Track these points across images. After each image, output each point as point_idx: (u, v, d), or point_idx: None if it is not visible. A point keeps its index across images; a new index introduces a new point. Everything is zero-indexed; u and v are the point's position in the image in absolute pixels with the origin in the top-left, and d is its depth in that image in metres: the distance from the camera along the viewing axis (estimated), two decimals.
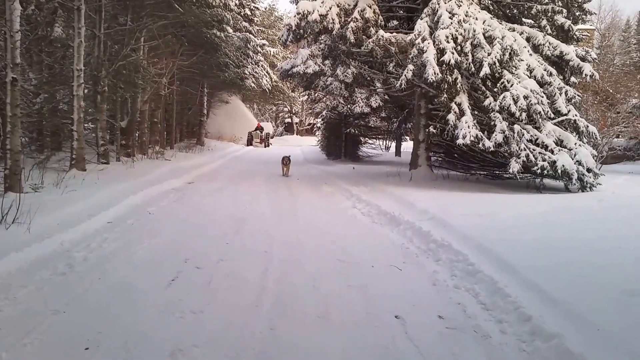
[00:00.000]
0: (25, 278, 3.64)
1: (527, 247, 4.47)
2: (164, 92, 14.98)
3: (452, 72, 8.45)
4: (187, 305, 3.27)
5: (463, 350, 2.78)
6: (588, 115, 12.33)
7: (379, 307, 3.38)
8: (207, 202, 7.69)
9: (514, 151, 8.23)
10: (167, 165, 11.68)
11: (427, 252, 4.75)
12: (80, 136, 8.93)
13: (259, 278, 3.88)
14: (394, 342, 2.86)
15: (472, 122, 8.37)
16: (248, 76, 23.31)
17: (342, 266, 4.28)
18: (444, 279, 3.97)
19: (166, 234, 5.32)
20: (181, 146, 18.66)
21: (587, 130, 8.97)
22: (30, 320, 2.94)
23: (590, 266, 3.93)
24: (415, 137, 11.22)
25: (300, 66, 14.60)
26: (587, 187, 8.43)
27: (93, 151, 10.50)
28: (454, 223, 5.43)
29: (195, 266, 4.12)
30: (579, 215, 6.22)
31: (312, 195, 8.72)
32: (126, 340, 2.75)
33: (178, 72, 16.01)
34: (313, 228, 5.90)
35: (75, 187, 6.95)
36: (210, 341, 2.78)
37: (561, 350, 2.64)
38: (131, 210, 6.48)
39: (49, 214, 5.26)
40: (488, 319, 3.21)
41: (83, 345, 2.63)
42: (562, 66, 9.60)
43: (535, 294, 3.37)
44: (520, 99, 8.13)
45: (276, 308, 3.31)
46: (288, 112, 41.40)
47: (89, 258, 4.23)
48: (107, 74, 10.42)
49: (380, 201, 7.39)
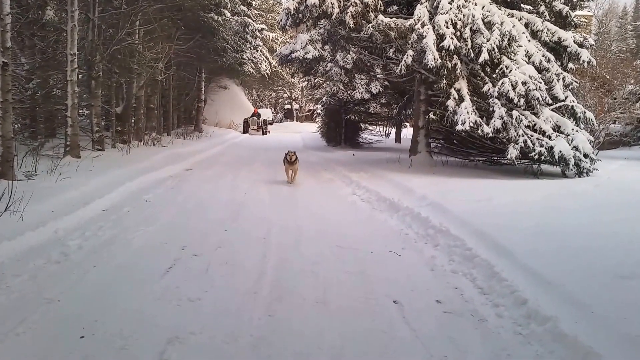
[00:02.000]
0: (19, 267, 3.60)
1: (524, 232, 4.48)
2: (160, 77, 14.77)
3: (452, 57, 8.42)
4: (185, 292, 3.26)
5: (460, 333, 2.80)
6: (585, 101, 12.30)
7: (377, 292, 3.39)
8: (205, 188, 7.65)
9: (512, 137, 8.25)
10: (164, 152, 11.59)
11: (426, 238, 4.76)
12: (74, 122, 8.82)
13: (257, 264, 3.87)
14: (392, 327, 2.87)
15: (471, 108, 8.37)
16: (247, 61, 22.93)
17: (340, 252, 4.28)
18: (442, 264, 3.98)
19: (163, 222, 5.29)
20: (178, 132, 18.51)
21: (584, 116, 8.99)
22: (24, 309, 2.91)
23: (586, 250, 3.95)
24: (415, 124, 11.16)
25: (299, 51, 14.38)
26: (584, 172, 8.49)
27: (88, 138, 10.39)
28: (452, 209, 5.44)
29: (193, 253, 4.10)
30: (575, 200, 6.25)
31: (311, 182, 8.69)
32: (122, 328, 2.73)
33: (175, 57, 15.76)
34: (312, 214, 5.89)
35: (70, 175, 6.87)
36: (207, 328, 2.77)
37: (556, 333, 2.67)
38: (127, 197, 6.44)
39: (42, 202, 5.20)
40: (485, 302, 3.23)
41: (78, 334, 2.61)
42: (560, 52, 9.57)
43: (531, 278, 3.39)
44: (519, 85, 8.12)
45: (274, 294, 3.31)
46: (287, 99, 41.00)
47: (84, 246, 4.19)
48: (101, 59, 10.24)
49: (380, 187, 7.38)
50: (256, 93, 38.00)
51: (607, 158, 10.64)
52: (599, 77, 14.40)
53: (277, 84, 34.08)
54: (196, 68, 20.24)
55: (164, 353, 2.48)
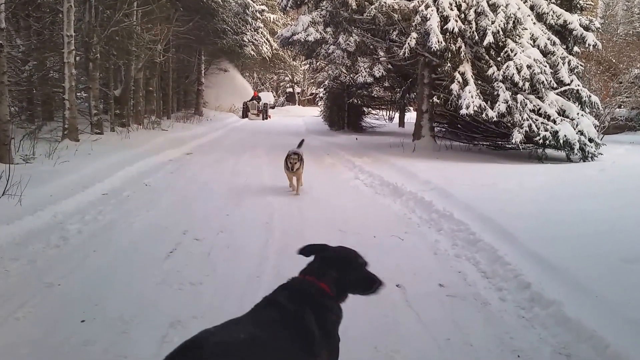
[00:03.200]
0: (18, 251, 3.58)
1: (528, 217, 4.45)
2: (159, 59, 14.56)
3: (456, 40, 8.31)
4: (186, 276, 3.24)
5: (463, 317, 2.78)
6: (591, 85, 12.12)
7: (380, 276, 3.35)
8: (206, 173, 7.60)
9: (516, 121, 8.18)
10: (164, 136, 11.50)
11: (429, 222, 4.73)
12: (72, 105, 8.72)
13: (259, 249, 3.84)
14: (395, 310, 2.86)
15: (476, 91, 8.29)
16: (247, 43, 22.52)
17: (344, 237, 4.25)
18: (445, 248, 3.95)
19: (164, 206, 5.25)
20: (178, 116, 18.36)
21: (589, 100, 8.89)
22: (24, 293, 2.89)
23: (590, 235, 3.93)
24: (419, 108, 11.05)
25: (301, 33, 14.11)
26: (589, 157, 8.44)
27: (86, 121, 10.29)
28: (456, 193, 5.40)
29: (194, 238, 4.07)
30: (579, 185, 6.23)
31: (314, 166, 8.62)
32: (123, 312, 2.71)
33: (173, 38, 15.52)
34: (315, 199, 5.84)
35: (68, 158, 6.81)
36: (209, 312, 2.75)
37: (559, 317, 2.67)
38: (127, 181, 6.39)
39: (41, 186, 5.16)
40: (488, 286, 3.21)
41: (79, 318, 2.59)
42: (565, 35, 9.43)
43: (535, 262, 3.37)
44: (524, 68, 8.02)
45: (277, 279, 3.25)
46: (289, 82, 40.50)
47: (84, 230, 4.16)
48: (99, 41, 10.06)
49: (383, 172, 7.33)
50: (257, 76, 37.49)
51: (612, 143, 10.54)
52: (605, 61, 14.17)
53: (279, 67, 33.51)
54: (195, 50, 19.94)
55: (166, 337, 2.46)
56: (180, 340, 2.41)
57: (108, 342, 2.39)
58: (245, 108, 24.78)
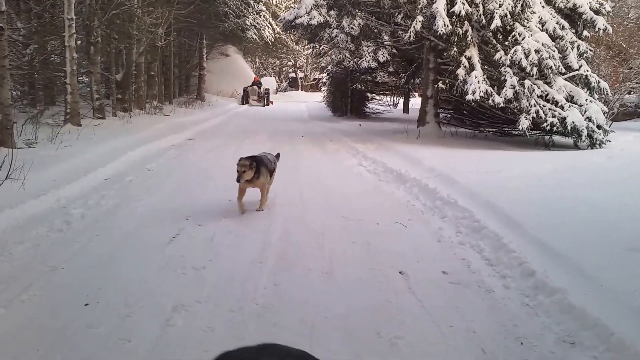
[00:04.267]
0: (21, 235, 3.59)
1: (534, 204, 4.40)
2: (160, 43, 14.39)
3: (463, 24, 8.14)
4: (189, 261, 3.24)
5: (466, 304, 2.77)
6: (600, 71, 11.90)
7: (382, 263, 3.36)
8: (208, 158, 7.57)
9: (523, 107, 8.04)
10: (166, 121, 11.45)
11: (433, 209, 4.70)
12: (74, 90, 8.65)
13: (262, 235, 3.83)
14: (397, 297, 2.85)
15: (482, 77, 8.15)
16: (249, 27, 22.10)
17: (346, 223, 4.23)
18: (449, 236, 3.93)
19: (166, 191, 5.24)
20: (180, 101, 18.21)
21: (598, 86, 8.73)
22: (28, 276, 2.91)
23: (597, 223, 3.88)
24: (424, 93, 10.89)
25: (304, 17, 13.87)
26: (597, 144, 8.32)
27: (88, 106, 10.23)
28: (461, 180, 5.35)
29: (197, 223, 4.07)
30: (587, 172, 6.15)
31: (317, 153, 8.58)
32: (127, 296, 2.72)
33: (175, 22, 15.28)
34: (318, 185, 5.81)
35: (71, 143, 6.79)
36: (212, 296, 2.76)
37: (564, 305, 2.65)
38: (129, 166, 6.38)
39: (44, 170, 5.15)
40: (492, 274, 3.20)
41: (82, 301, 2.60)
42: (574, 19, 9.20)
43: (540, 250, 3.34)
44: (532, 53, 7.87)
45: (280, 264, 3.28)
46: (292, 67, 39.99)
47: (87, 215, 4.16)
48: (100, 24, 9.93)
49: (387, 159, 7.26)
50: (259, 61, 37.03)
51: (621, 130, 10.37)
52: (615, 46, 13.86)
53: (281, 51, 33.00)
54: (197, 34, 19.68)
55: (170, 320, 2.47)
56: (185, 324, 2.46)
57: (112, 326, 2.40)
58: (245, 94, 23.39)
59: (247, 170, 4.25)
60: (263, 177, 4.43)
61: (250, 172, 4.26)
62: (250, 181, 4.32)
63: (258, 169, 4.32)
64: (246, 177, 4.25)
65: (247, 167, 4.25)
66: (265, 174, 4.46)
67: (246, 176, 4.25)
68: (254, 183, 4.39)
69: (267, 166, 4.51)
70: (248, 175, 4.25)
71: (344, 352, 2.27)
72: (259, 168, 4.32)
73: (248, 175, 4.25)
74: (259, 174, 4.34)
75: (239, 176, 4.23)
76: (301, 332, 2.42)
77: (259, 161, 4.39)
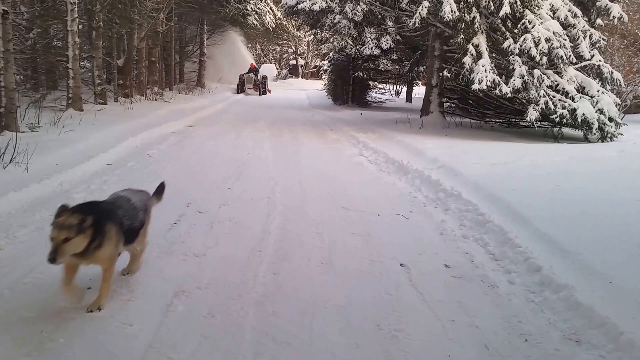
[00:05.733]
0: (25, 218, 3.61)
1: (541, 198, 4.35)
2: (161, 28, 14.25)
3: (470, 10, 7.92)
4: (189, 248, 3.24)
5: (468, 299, 2.74)
6: (613, 61, 11.58)
7: (383, 255, 3.33)
8: (208, 146, 7.53)
9: (532, 98, 7.83)
10: (166, 107, 11.39)
11: (436, 202, 4.65)
12: (76, 74, 8.61)
13: (261, 224, 3.81)
14: (398, 289, 2.82)
15: (490, 65, 7.91)
16: (250, 13, 21.77)
17: (346, 214, 4.20)
18: (452, 229, 3.89)
19: (167, 177, 5.12)
20: (181, 88, 18.11)
21: (611, 76, 8.47)
22: (32, 259, 2.90)
23: (606, 218, 3.83)
24: (428, 82, 10.72)
25: (306, 2, 13.67)
26: (608, 137, 8.11)
27: (90, 91, 10.20)
28: (464, 172, 5.29)
29: (197, 210, 4.06)
30: (596, 166, 6.02)
31: (317, 142, 8.52)
32: (128, 280, 2.72)
33: (176, 7, 15.12)
34: (317, 175, 5.77)
35: (73, 128, 6.80)
36: (212, 283, 2.76)
37: (570, 302, 2.61)
38: (131, 152, 6.38)
39: (47, 154, 5.17)
40: (496, 269, 3.16)
41: (85, 285, 2.59)
42: (588, 6, 8.96)
43: (546, 245, 3.30)
44: (542, 41, 7.65)
45: (279, 253, 3.26)
46: (293, 54, 39.59)
47: (89, 199, 4.12)
48: (101, 8, 9.83)
49: (388, 149, 7.19)
50: (260, 47, 36.57)
51: (633, 122, 10.02)
52: (630, 34, 13.46)
53: (282, 37, 32.48)
54: (198, 19, 19.44)
55: (171, 305, 2.48)
56: (185, 310, 2.44)
57: (113, 310, 2.40)
58: (241, 82, 21.80)
59: (75, 237, 2.19)
60: (108, 246, 2.37)
61: (80, 239, 2.21)
62: (82, 255, 2.27)
63: (99, 230, 2.30)
64: (72, 250, 2.21)
65: (72, 230, 2.18)
66: (113, 240, 2.40)
67: (71, 248, 2.20)
68: (90, 258, 2.33)
69: (118, 223, 2.46)
70: (76, 246, 2.21)
71: (343, 343, 2.26)
72: (100, 229, 2.31)
73: (76, 246, 2.21)
74: (101, 240, 2.31)
75: (55, 250, 2.16)
76: (300, 321, 2.41)
77: (101, 215, 2.35)
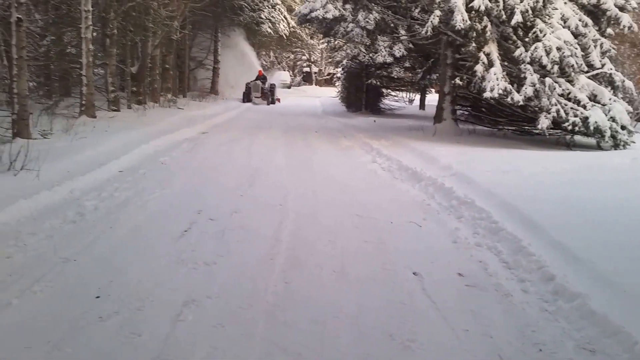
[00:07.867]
0: (35, 225, 3.61)
1: (554, 205, 4.28)
2: (175, 36, 14.44)
3: (482, 19, 7.94)
4: (200, 256, 3.22)
5: (482, 307, 2.69)
6: (624, 69, 11.53)
7: (396, 263, 3.29)
8: (221, 152, 7.56)
9: (544, 106, 7.82)
10: (179, 114, 11.50)
11: (449, 209, 4.59)
12: (89, 81, 8.73)
13: (273, 231, 3.79)
14: (411, 298, 2.79)
15: (501, 73, 7.95)
16: (264, 21, 22.02)
17: (359, 221, 4.17)
18: (465, 237, 3.83)
19: (179, 185, 5.24)
20: (194, 94, 18.31)
21: (622, 84, 8.51)
22: (41, 267, 2.91)
23: (619, 225, 3.76)
24: (441, 90, 10.70)
25: (319, 10, 13.78)
26: (621, 145, 8.06)
27: (103, 98, 10.33)
28: (478, 179, 5.23)
29: (209, 217, 4.05)
30: (609, 173, 5.95)
31: (330, 149, 8.52)
32: (138, 289, 2.71)
33: (190, 15, 15.34)
34: (330, 182, 5.75)
35: (86, 134, 6.87)
36: (223, 292, 2.73)
37: (585, 311, 2.56)
38: (143, 159, 6.41)
39: (58, 161, 5.20)
40: (510, 277, 3.11)
41: (94, 294, 2.60)
42: (598, 16, 8.94)
43: (560, 253, 3.24)
44: (553, 50, 7.65)
45: (291, 262, 3.24)
46: (306, 61, 39.86)
47: (100, 207, 4.17)
48: (116, 16, 10.00)
49: (402, 156, 7.15)
50: (274, 55, 36.90)
51: None
52: None
53: (296, 45, 32.80)
54: (212, 27, 19.68)
55: (180, 315, 2.46)
56: (195, 319, 2.43)
57: (123, 319, 2.39)
58: (248, 90, 19.99)
59: None
60: None
61: None
62: None
63: None
64: None
65: None
66: None
67: None
68: None
69: None
70: None
71: (355, 354, 2.22)
72: None
73: None
74: None
75: None
76: (312, 331, 2.38)
77: None
